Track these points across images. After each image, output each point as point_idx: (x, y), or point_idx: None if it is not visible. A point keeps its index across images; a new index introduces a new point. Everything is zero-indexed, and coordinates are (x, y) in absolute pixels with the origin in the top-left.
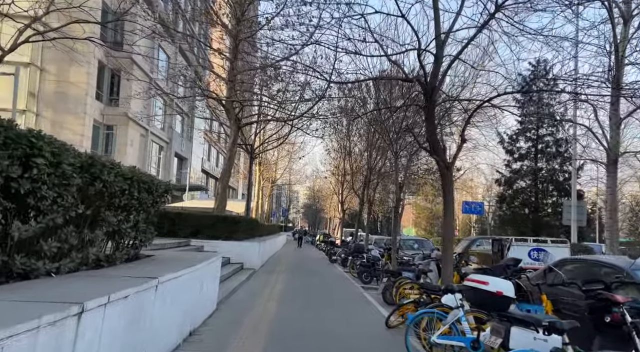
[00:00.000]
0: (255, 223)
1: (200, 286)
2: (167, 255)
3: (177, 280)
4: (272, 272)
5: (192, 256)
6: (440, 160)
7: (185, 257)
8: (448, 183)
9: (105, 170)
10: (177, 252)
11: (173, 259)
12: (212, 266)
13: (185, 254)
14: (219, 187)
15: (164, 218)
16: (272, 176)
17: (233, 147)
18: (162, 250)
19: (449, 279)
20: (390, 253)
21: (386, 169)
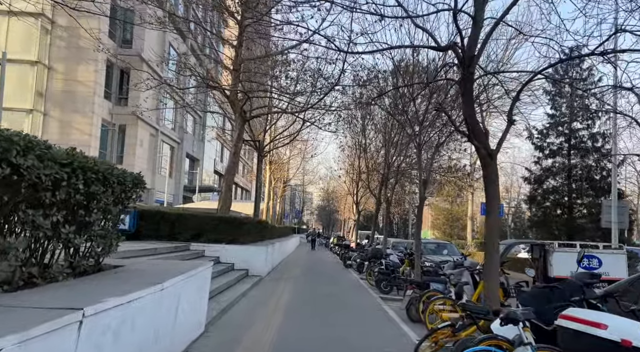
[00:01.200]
0: (264, 225)
1: (175, 306)
2: (143, 266)
3: (128, 306)
4: (280, 280)
5: (174, 266)
6: (481, 147)
7: (165, 268)
8: (492, 174)
9: (16, 150)
10: (159, 260)
11: (146, 271)
12: (196, 279)
13: (167, 263)
14: (222, 186)
15: (163, 220)
16: (284, 175)
17: (238, 142)
18: (147, 257)
19: (495, 296)
20: (412, 259)
21: (405, 166)
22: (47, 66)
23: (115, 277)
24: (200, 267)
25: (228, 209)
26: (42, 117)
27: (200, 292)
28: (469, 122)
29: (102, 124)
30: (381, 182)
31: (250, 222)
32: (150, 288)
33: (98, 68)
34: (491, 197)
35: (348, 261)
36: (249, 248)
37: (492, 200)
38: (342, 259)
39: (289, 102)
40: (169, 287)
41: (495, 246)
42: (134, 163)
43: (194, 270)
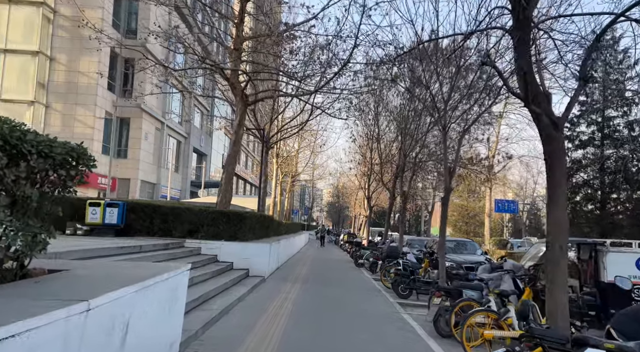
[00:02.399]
0: (268, 220)
1: (121, 329)
2: (94, 270)
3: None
4: (284, 281)
5: (134, 271)
6: (542, 113)
7: (120, 273)
8: (557, 150)
9: None
10: (124, 262)
11: (85, 279)
12: (160, 288)
13: (129, 267)
14: (222, 177)
15: (155, 214)
16: (293, 170)
17: (239, 129)
18: (121, 257)
19: (565, 315)
20: (433, 259)
21: (423, 157)
22: (48, 57)
23: (25, 291)
24: (168, 273)
25: (228, 203)
26: (44, 109)
27: (169, 304)
28: (527, 81)
29: (106, 116)
30: (395, 175)
31: (253, 217)
32: (62, 310)
33: (101, 59)
34: (557, 181)
35: (360, 260)
36: (250, 245)
37: (557, 185)
38: (353, 258)
39: (298, 87)
40: (104, 305)
41: (563, 249)
42: (139, 157)
43: (157, 277)
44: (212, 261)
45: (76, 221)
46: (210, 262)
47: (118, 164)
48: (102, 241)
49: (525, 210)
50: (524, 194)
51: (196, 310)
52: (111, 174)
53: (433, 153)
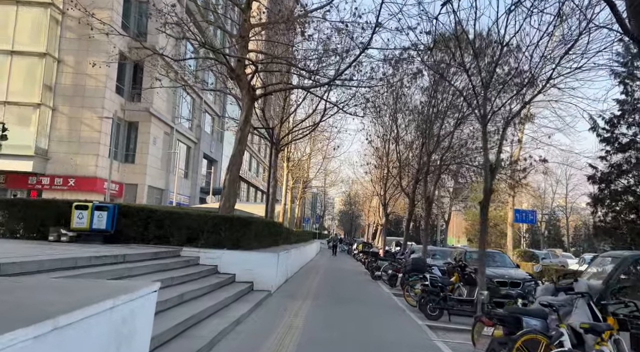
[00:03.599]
0: (278, 227)
1: None
2: (9, 296)
3: None
4: (293, 297)
5: (62, 299)
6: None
7: (49, 300)
8: None
9: None
10: (66, 280)
11: None
12: (101, 322)
13: (65, 286)
14: (225, 179)
15: (150, 219)
16: (304, 175)
17: (245, 126)
18: (82, 271)
19: None
20: (466, 273)
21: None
22: (56, 59)
23: None
24: (113, 299)
25: (232, 207)
26: (51, 112)
27: (117, 344)
28: None
29: (114, 119)
30: (416, 179)
31: (259, 224)
32: None
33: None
34: None
35: (377, 272)
36: (255, 255)
37: None
38: (368, 269)
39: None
40: None
41: None
42: (147, 162)
43: (89, 307)
44: (211, 273)
45: (61, 226)
46: (209, 274)
47: (125, 168)
48: (83, 249)
49: (544, 220)
50: (542, 204)
51: (179, 338)
52: (118, 179)
53: (458, 155)
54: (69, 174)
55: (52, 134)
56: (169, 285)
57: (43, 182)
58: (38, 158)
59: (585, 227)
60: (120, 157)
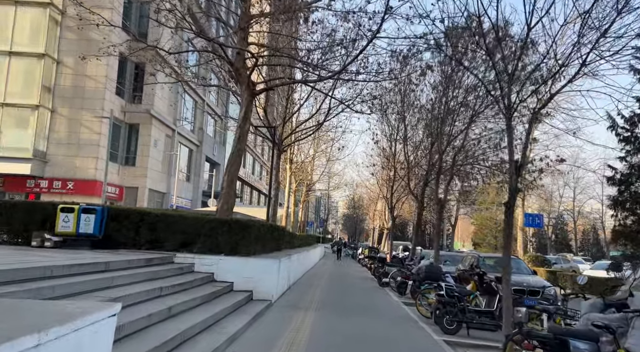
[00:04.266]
0: (279, 231)
1: None
2: None
3: None
4: (295, 307)
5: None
6: None
7: None
8: None
9: None
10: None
11: None
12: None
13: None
14: (224, 180)
15: (142, 223)
16: (307, 177)
17: (244, 123)
18: (56, 281)
19: None
20: (485, 281)
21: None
22: (55, 60)
23: None
24: (35, 336)
25: (230, 210)
26: (49, 114)
27: None
28: None
29: (114, 122)
30: (425, 181)
31: (260, 227)
32: None
33: (110, 62)
34: None
35: (384, 279)
36: (255, 262)
37: None
38: (374, 275)
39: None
40: None
41: None
42: (148, 164)
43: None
44: (206, 281)
45: (45, 231)
46: (205, 283)
47: (126, 171)
48: (65, 256)
49: (551, 224)
50: (549, 208)
51: None
52: (119, 182)
53: (470, 155)
54: (68, 177)
55: (50, 136)
56: (157, 296)
57: (41, 186)
58: (36, 161)
59: (593, 232)
60: (120, 159)
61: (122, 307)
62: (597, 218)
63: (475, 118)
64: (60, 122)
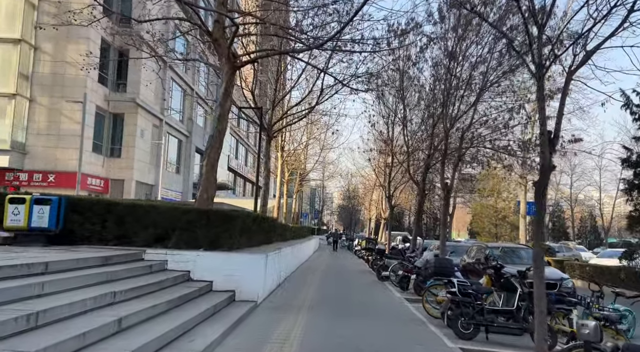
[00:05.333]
0: (269, 222)
1: None
2: None
3: None
4: (284, 308)
5: None
6: None
7: None
8: None
9: None
10: None
11: None
12: None
13: None
14: (203, 165)
15: (109, 215)
16: (300, 166)
17: (225, 101)
18: None
19: None
20: (504, 275)
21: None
22: (32, 46)
23: None
24: None
25: (211, 199)
26: (28, 103)
27: None
28: None
29: (97, 111)
30: (426, 165)
31: (246, 218)
32: None
33: (91, 47)
34: None
35: (384, 272)
36: (238, 257)
37: None
38: (372, 268)
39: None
40: None
41: None
42: (134, 156)
43: None
44: (180, 281)
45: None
46: (178, 283)
47: (111, 163)
48: (1, 255)
49: (548, 212)
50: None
51: None
52: (104, 175)
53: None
54: (49, 170)
55: (29, 127)
56: (108, 304)
57: (21, 178)
58: (15, 153)
59: (591, 219)
60: (105, 151)
61: (45, 325)
62: (595, 205)
63: (487, 91)
64: (39, 112)
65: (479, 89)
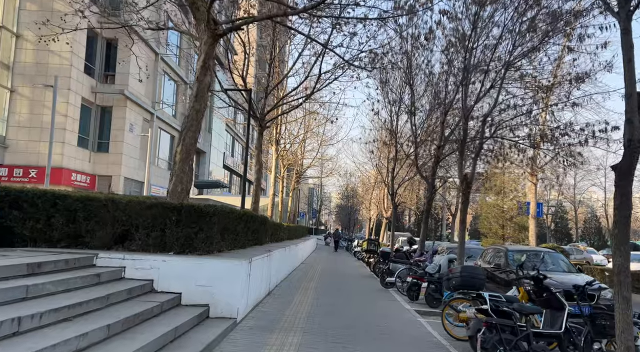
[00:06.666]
0: (258, 221)
1: None
2: None
3: None
4: (269, 329)
5: None
6: None
7: None
8: None
9: None
10: None
11: None
12: None
13: None
14: (176, 152)
15: (56, 210)
16: (297, 162)
17: (204, 75)
18: None
19: None
20: (549, 290)
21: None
22: (14, 33)
23: None
24: None
25: (186, 192)
26: (9, 94)
27: None
28: None
29: (83, 103)
30: (436, 158)
31: (228, 215)
32: None
33: (76, 36)
34: None
35: (389, 278)
36: (214, 263)
37: None
38: (374, 271)
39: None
40: None
41: None
42: (122, 151)
43: None
44: (138, 293)
45: None
46: (134, 296)
47: (98, 158)
48: None
49: (550, 213)
50: (548, 195)
51: None
52: (90, 170)
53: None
54: (31, 165)
55: (10, 119)
56: (12, 334)
57: (0, 174)
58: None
59: (595, 220)
60: (92, 145)
61: None
62: (596, 206)
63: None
64: (21, 104)
65: (506, 63)
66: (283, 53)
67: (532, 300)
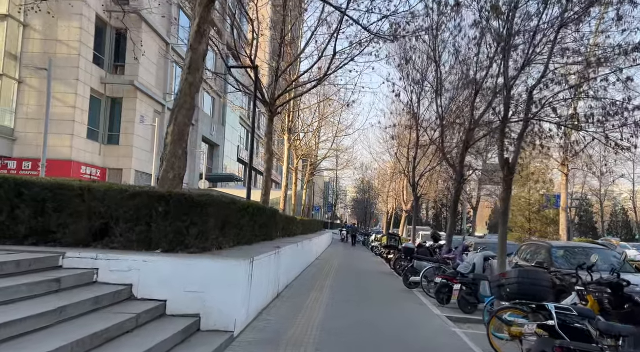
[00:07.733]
0: (267, 214)
1: None
2: None
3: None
4: (275, 345)
5: None
6: None
7: None
8: None
9: None
10: None
11: None
12: None
13: None
14: (168, 134)
15: (21, 200)
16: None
17: (198, 43)
18: None
19: None
20: (626, 298)
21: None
22: (21, 23)
23: None
24: None
25: (179, 180)
26: (16, 85)
27: None
28: None
29: (92, 95)
30: (466, 143)
31: (228, 205)
32: None
33: (84, 25)
34: None
35: (413, 277)
36: (208, 264)
37: None
38: (395, 269)
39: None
40: None
41: None
42: (133, 143)
43: None
44: (111, 302)
45: None
46: (105, 305)
47: (108, 151)
48: None
49: (574, 206)
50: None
51: None
52: (100, 163)
53: (544, 99)
54: (40, 157)
55: (19, 111)
56: None
57: (9, 167)
58: (2, 138)
59: (623, 213)
60: (102, 138)
61: None
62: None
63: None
64: (29, 95)
65: (559, 23)
66: (295, 30)
67: (604, 312)
